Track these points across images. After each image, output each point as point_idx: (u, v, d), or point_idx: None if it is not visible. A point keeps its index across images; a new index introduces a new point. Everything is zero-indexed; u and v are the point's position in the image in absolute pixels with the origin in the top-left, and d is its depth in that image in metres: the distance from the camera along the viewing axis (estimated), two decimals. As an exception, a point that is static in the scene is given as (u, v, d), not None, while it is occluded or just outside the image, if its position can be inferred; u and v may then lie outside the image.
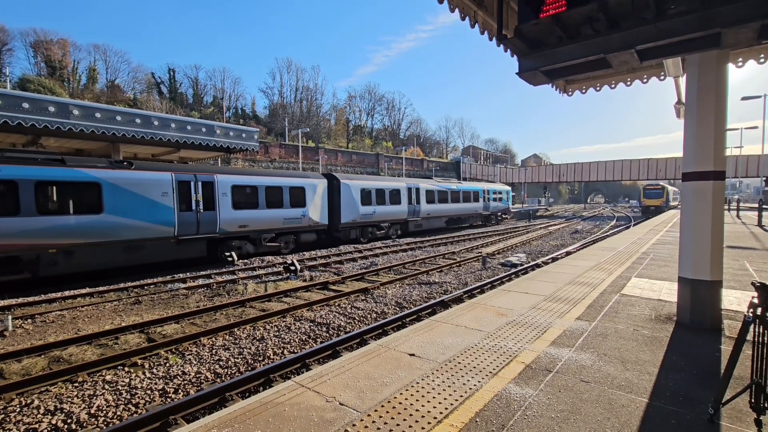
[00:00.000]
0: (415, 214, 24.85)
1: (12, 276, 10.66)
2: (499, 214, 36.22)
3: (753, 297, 2.71)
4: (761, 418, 2.73)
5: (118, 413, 4.64)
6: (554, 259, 14.35)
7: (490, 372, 3.67)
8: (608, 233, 23.88)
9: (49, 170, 11.06)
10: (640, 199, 45.18)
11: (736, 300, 6.08)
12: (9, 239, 10.27)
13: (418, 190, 25.13)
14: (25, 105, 11.62)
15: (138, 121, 14.22)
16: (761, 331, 2.65)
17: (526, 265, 13.40)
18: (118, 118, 13.70)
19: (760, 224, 21.11)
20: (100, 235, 11.78)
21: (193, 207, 13.81)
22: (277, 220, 16.61)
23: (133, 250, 12.68)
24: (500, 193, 36.18)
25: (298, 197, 17.50)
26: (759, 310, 2.65)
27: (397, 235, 23.98)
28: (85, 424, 4.42)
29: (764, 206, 22.44)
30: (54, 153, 12.68)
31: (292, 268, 12.23)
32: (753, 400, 2.71)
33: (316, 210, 18.33)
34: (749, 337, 2.73)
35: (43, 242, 10.81)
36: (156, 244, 13.12)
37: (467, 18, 4.87)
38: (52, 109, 12.12)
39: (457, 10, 4.69)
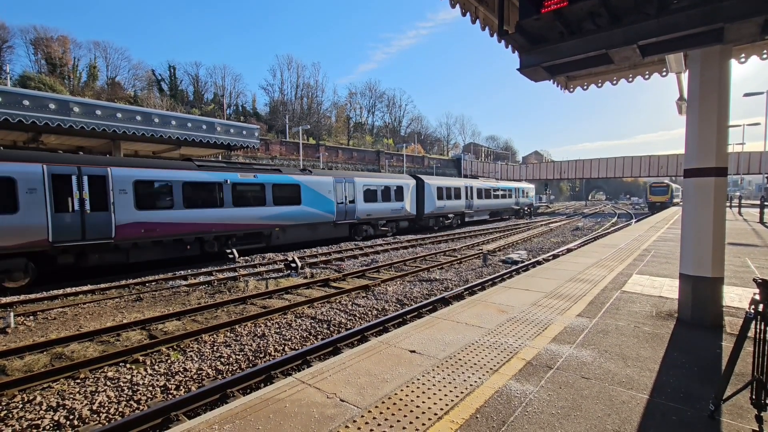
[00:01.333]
0: (470, 207, 30.70)
1: (255, 245, 16.27)
2: (526, 208, 41.63)
3: (754, 294, 2.70)
4: (762, 414, 2.73)
5: (120, 409, 4.66)
6: (555, 256, 14.35)
7: (491, 369, 3.67)
8: (609, 230, 23.85)
9: (276, 176, 16.88)
10: (647, 195, 48.21)
11: (737, 297, 6.07)
12: (259, 221, 16.00)
13: (472, 188, 31.10)
14: (26, 102, 11.62)
15: (138, 118, 14.23)
16: (762, 327, 2.65)
17: (526, 262, 13.40)
18: (119, 115, 13.70)
19: (761, 221, 21.06)
20: (299, 219, 17.60)
21: (344, 201, 19.68)
22: (387, 211, 22.77)
23: (314, 229, 18.51)
24: (527, 190, 42.56)
25: (399, 194, 23.47)
26: (760, 307, 2.65)
27: (458, 224, 29.77)
28: (87, 421, 4.44)
29: (766, 203, 22.38)
30: (270, 165, 19.61)
31: (293, 265, 12.25)
32: (754, 397, 2.70)
33: (409, 203, 24.36)
34: (750, 333, 2.73)
35: (275, 223, 16.63)
36: (324, 226, 19.02)
37: (468, 14, 4.85)
38: (52, 106, 12.12)
39: (458, 6, 4.67)
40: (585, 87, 6.82)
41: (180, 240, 13.64)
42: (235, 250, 14.78)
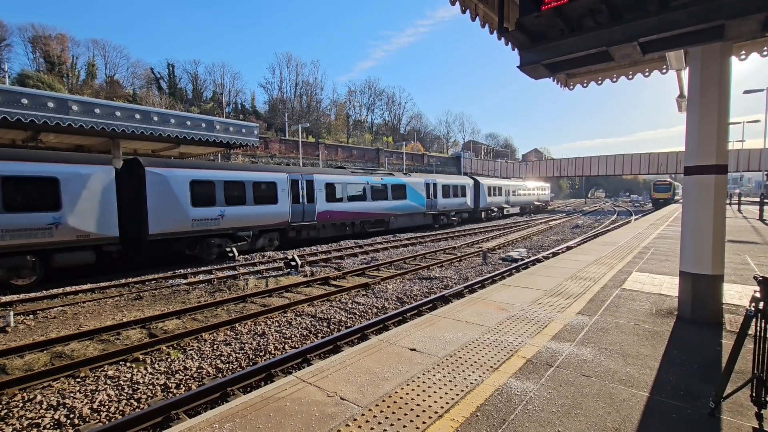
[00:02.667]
0: (507, 203, 37.41)
1: (381, 228, 22.60)
2: (544, 204, 49.36)
3: (755, 291, 2.70)
4: (762, 411, 2.73)
5: (121, 408, 4.66)
6: (555, 254, 14.36)
7: (491, 367, 3.68)
8: (609, 228, 23.85)
9: (392, 179, 23.18)
10: (651, 192, 51.86)
11: (737, 294, 6.07)
12: (384, 211, 22.45)
13: (509, 187, 38.61)
14: (24, 101, 11.56)
15: (137, 116, 14.15)
16: (763, 325, 2.64)
17: (526, 260, 13.41)
18: (118, 113, 13.63)
19: (761, 218, 21.07)
20: (404, 211, 23.92)
21: (430, 196, 26.21)
22: (456, 205, 29.15)
23: (411, 217, 24.76)
24: (546, 188, 50.70)
25: (463, 191, 29.85)
26: (761, 305, 2.65)
27: (500, 216, 35.47)
28: (87, 419, 4.44)
29: (765, 200, 22.39)
30: (386, 170, 26.80)
31: (293, 263, 12.25)
32: (754, 394, 2.71)
33: (469, 199, 30.89)
34: (751, 331, 2.73)
35: (392, 213, 23.09)
36: (418, 216, 25.43)
37: (468, 11, 4.82)
38: (51, 104, 12.07)
39: (457, 3, 4.64)
40: (585, 84, 6.80)
41: (343, 224, 20.32)
42: (234, 249, 14.77)
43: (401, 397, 3.15)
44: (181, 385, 5.19)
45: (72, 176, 11.26)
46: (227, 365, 5.76)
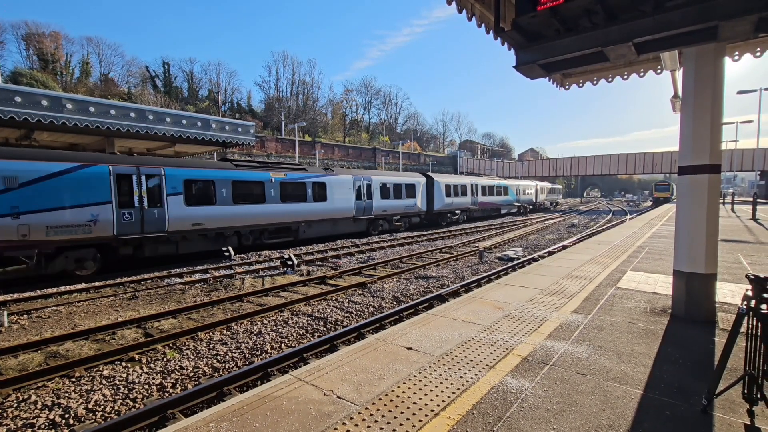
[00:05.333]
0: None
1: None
2: (556, 202, 56.36)
3: (747, 290, 2.74)
4: (754, 408, 2.77)
5: (116, 408, 4.64)
6: (551, 253, 14.43)
7: (487, 365, 3.70)
8: (604, 227, 24.00)
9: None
10: (653, 192, 56.60)
11: (730, 293, 6.14)
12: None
13: (539, 186, 47.33)
14: (18, 99, 11.48)
15: (132, 115, 14.09)
16: (754, 323, 2.68)
17: (522, 259, 13.46)
18: (113, 112, 13.56)
19: (754, 218, 21.27)
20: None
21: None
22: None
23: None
24: (558, 188, 58.94)
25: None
26: (753, 303, 2.68)
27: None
28: (82, 419, 4.42)
29: (759, 200, 22.60)
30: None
31: (290, 262, 12.23)
32: (746, 391, 2.74)
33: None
34: (743, 329, 2.76)
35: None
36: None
37: (464, 11, 4.83)
38: (45, 102, 11.98)
39: (454, 3, 4.65)
40: (581, 84, 6.84)
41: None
42: (230, 248, 14.72)
43: (398, 396, 3.16)
44: (177, 385, 5.17)
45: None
46: (224, 365, 5.75)
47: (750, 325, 2.71)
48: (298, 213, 17.80)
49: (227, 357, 5.98)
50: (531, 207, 44.20)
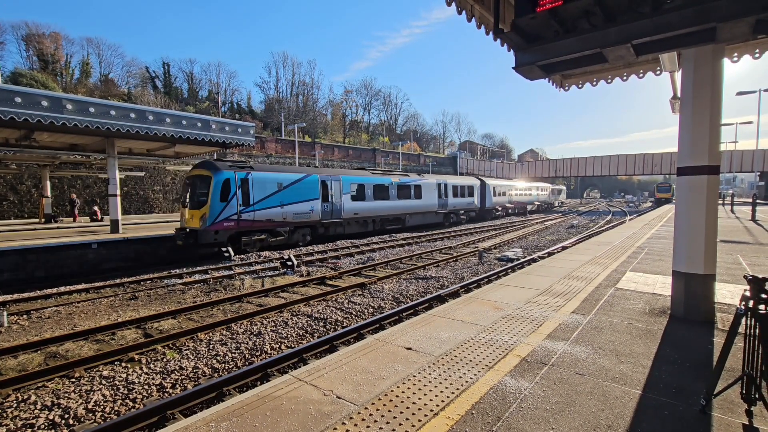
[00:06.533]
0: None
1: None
2: (562, 202, 61.97)
3: (745, 290, 2.74)
4: (752, 408, 2.77)
5: (116, 408, 4.65)
6: (550, 254, 14.44)
7: (486, 365, 3.70)
8: (604, 228, 24.01)
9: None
10: (655, 193, 59.01)
11: (729, 293, 6.14)
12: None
13: (551, 188, 52.89)
14: (18, 99, 11.47)
15: (133, 115, 14.08)
16: (753, 323, 2.69)
17: (522, 260, 13.47)
18: (113, 112, 13.55)
19: (753, 219, 21.28)
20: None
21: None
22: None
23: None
24: (561, 189, 62.74)
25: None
26: (751, 303, 2.69)
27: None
28: (82, 419, 4.43)
29: (758, 201, 22.62)
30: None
31: (289, 263, 12.23)
32: (744, 392, 2.75)
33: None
34: (741, 329, 2.77)
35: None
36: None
37: (464, 12, 4.85)
38: (45, 103, 11.97)
39: (453, 4, 4.67)
40: (580, 85, 6.86)
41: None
42: (230, 249, 14.72)
43: (397, 396, 3.17)
44: (177, 385, 5.18)
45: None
46: (223, 365, 5.75)
47: (748, 326, 2.72)
48: (406, 207, 24.32)
49: (227, 357, 5.98)
50: (546, 206, 51.69)
